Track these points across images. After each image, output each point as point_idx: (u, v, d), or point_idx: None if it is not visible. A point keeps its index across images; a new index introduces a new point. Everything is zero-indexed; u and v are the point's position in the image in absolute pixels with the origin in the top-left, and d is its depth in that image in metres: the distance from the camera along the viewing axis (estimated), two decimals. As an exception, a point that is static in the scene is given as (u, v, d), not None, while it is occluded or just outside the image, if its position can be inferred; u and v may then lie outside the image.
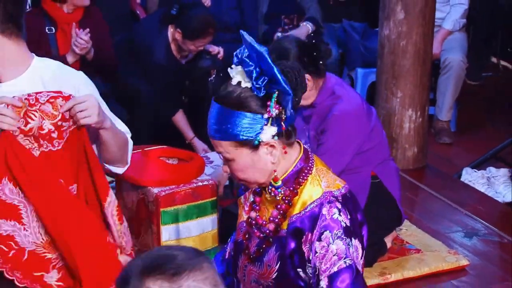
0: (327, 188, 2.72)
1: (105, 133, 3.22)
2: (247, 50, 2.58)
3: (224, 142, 2.67)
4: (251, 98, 2.59)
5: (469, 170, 5.74)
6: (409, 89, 5.48)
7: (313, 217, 2.68)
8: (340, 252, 2.64)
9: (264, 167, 2.68)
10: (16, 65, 3.40)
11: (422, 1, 5.32)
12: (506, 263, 4.48)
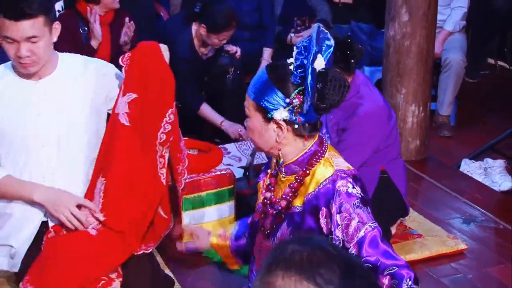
0: (338, 167, 2.75)
1: None
2: (307, 41, 2.67)
3: (251, 100, 2.76)
4: (288, 80, 2.68)
5: (467, 161, 5.72)
6: (412, 86, 5.46)
7: (327, 193, 2.71)
8: (362, 218, 2.67)
9: (268, 140, 2.77)
10: (50, 62, 3.41)
11: (425, 4, 5.29)
12: (502, 247, 4.47)
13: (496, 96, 6.62)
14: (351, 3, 6.64)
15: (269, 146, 2.78)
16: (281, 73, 2.70)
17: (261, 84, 2.73)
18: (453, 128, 6.43)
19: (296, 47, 2.66)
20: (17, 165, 3.44)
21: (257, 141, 2.82)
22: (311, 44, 2.60)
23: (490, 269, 4.25)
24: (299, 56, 2.63)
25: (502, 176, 5.53)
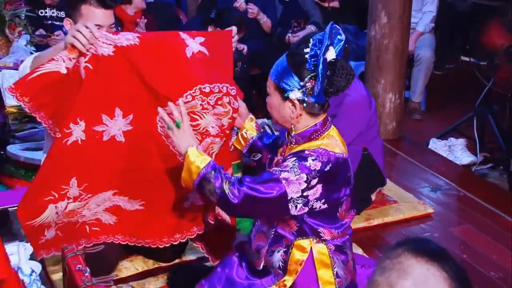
0: (324, 146, 2.82)
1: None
2: (320, 36, 2.72)
3: (271, 81, 2.85)
4: (303, 67, 2.73)
5: (435, 140, 5.76)
6: (390, 78, 5.48)
7: (299, 153, 2.82)
8: (283, 166, 2.77)
9: (284, 115, 2.85)
10: None
11: (401, 9, 5.29)
12: (463, 211, 4.51)
13: (459, 85, 6.62)
14: (338, 7, 6.64)
15: (284, 120, 2.86)
16: (298, 61, 2.74)
17: (281, 68, 2.80)
18: (423, 112, 6.47)
19: (312, 39, 2.71)
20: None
21: (275, 115, 2.90)
22: (324, 37, 2.67)
23: (452, 229, 4.28)
24: (314, 47, 2.69)
25: (463, 152, 5.57)
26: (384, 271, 1.57)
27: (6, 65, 4.82)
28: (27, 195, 2.95)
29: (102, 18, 3.19)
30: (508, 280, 3.75)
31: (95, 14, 3.18)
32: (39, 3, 5.54)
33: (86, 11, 3.19)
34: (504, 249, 4.04)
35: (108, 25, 3.21)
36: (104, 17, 3.20)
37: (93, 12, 3.18)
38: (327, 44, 2.66)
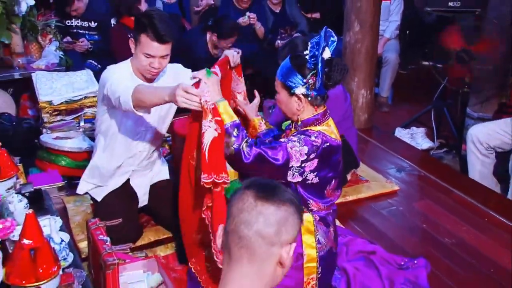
0: (323, 131, 2.85)
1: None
2: (317, 40, 2.75)
3: (279, 80, 2.86)
4: (304, 67, 2.77)
5: (399, 129, 5.77)
6: (362, 76, 5.47)
7: (305, 131, 2.84)
8: (289, 139, 2.79)
9: (291, 108, 2.87)
10: None
11: (371, 19, 5.28)
12: (423, 188, 4.53)
13: (420, 83, 6.63)
14: (319, 18, 6.63)
15: (292, 112, 2.88)
16: (299, 62, 2.78)
17: (286, 69, 2.82)
18: (390, 106, 6.47)
19: (310, 43, 2.77)
20: (128, 139, 3.48)
21: (284, 109, 2.91)
22: (320, 40, 2.72)
23: (414, 203, 4.29)
24: (312, 49, 2.74)
25: (423, 139, 5.61)
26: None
27: (39, 67, 4.81)
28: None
29: (155, 50, 3.15)
30: (459, 245, 3.77)
31: (150, 45, 3.14)
32: (66, 14, 5.51)
33: (144, 40, 3.15)
34: (456, 219, 4.06)
35: (159, 56, 3.17)
36: (157, 50, 3.16)
37: (148, 43, 3.14)
38: (323, 45, 2.70)
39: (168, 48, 3.21)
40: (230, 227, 1.59)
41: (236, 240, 1.57)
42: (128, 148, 3.50)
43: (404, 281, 3.30)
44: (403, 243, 3.79)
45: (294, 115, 2.89)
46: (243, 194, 1.61)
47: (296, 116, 2.88)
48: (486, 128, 4.64)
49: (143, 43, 3.16)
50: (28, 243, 2.06)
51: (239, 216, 1.58)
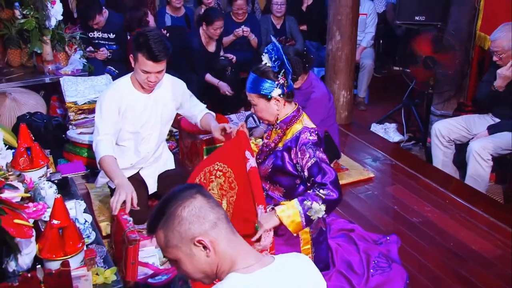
0: (305, 125, 2.82)
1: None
2: (272, 46, 2.72)
3: (253, 94, 2.80)
4: (270, 71, 2.73)
5: (375, 124, 5.76)
6: (342, 79, 5.45)
7: (296, 139, 2.78)
8: (311, 154, 2.71)
9: (272, 112, 2.82)
10: None
11: (350, 30, 5.27)
12: (394, 175, 4.53)
13: (392, 85, 6.63)
14: (306, 30, 6.61)
15: (273, 115, 2.83)
16: (263, 70, 2.74)
17: (254, 81, 2.77)
18: (366, 105, 6.44)
19: (266, 51, 2.73)
20: (136, 143, 3.45)
21: (265, 116, 2.85)
22: (275, 46, 2.69)
23: (387, 188, 4.30)
24: (272, 53, 2.70)
25: (395, 133, 5.59)
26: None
27: (66, 72, 4.80)
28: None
29: (150, 67, 3.12)
30: (425, 223, 3.79)
31: (146, 63, 3.11)
32: (88, 27, 5.51)
33: (141, 59, 3.11)
34: (422, 201, 4.07)
35: (155, 72, 3.15)
36: (153, 67, 3.12)
37: (145, 61, 3.11)
38: (281, 47, 2.68)
39: (163, 64, 3.17)
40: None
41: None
42: (137, 152, 3.49)
43: (379, 254, 3.31)
44: (378, 222, 3.80)
45: (274, 117, 2.84)
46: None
47: (275, 117, 2.84)
48: (447, 123, 4.64)
49: (140, 61, 3.12)
50: (57, 223, 2.06)
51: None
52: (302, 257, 1.70)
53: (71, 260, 2.05)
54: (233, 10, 6.01)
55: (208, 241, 1.55)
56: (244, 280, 1.52)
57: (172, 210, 1.56)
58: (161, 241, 1.59)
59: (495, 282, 3.18)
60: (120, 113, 3.29)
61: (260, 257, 1.60)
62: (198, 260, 1.57)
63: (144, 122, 3.37)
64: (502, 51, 4.15)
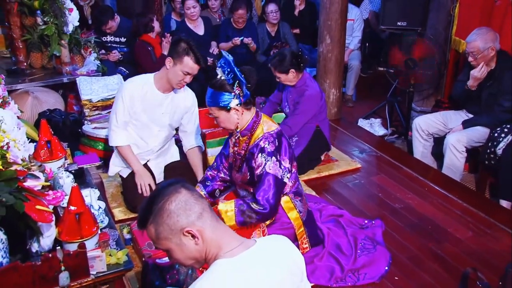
0: (265, 130, 2.80)
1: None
2: (224, 60, 2.67)
3: (213, 107, 2.75)
4: (226, 84, 2.67)
5: (361, 119, 5.76)
6: (332, 79, 5.44)
7: (256, 146, 2.78)
8: (262, 164, 2.75)
9: (233, 121, 2.78)
10: None
11: (339, 34, 5.25)
12: (379, 165, 4.52)
13: (377, 84, 6.62)
14: (299, 33, 6.59)
15: (234, 124, 2.79)
16: (219, 84, 2.69)
17: (212, 95, 2.73)
18: (354, 102, 6.44)
19: (219, 66, 2.68)
20: (146, 137, 3.48)
21: (228, 126, 2.82)
22: (227, 60, 2.66)
23: (373, 177, 4.30)
24: (225, 67, 2.66)
25: (379, 127, 5.60)
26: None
27: (82, 73, 4.79)
28: None
29: (194, 70, 3.19)
30: (406, 208, 3.79)
31: (191, 65, 3.18)
32: (102, 32, 5.51)
33: (186, 61, 3.16)
34: (404, 189, 4.07)
35: (193, 74, 3.22)
36: (195, 69, 3.20)
37: (189, 64, 3.17)
38: (232, 60, 2.65)
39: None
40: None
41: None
42: (146, 144, 3.50)
43: (365, 237, 3.32)
44: (364, 208, 3.81)
45: (235, 125, 2.81)
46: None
47: (235, 125, 2.81)
48: (426, 119, 4.65)
49: (185, 63, 3.17)
50: (74, 209, 2.07)
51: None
52: (281, 238, 1.71)
53: (87, 242, 2.06)
54: (233, 18, 5.97)
55: (195, 230, 1.56)
56: (229, 265, 1.54)
57: (160, 205, 1.57)
58: (152, 234, 1.60)
59: (467, 260, 3.19)
60: (134, 103, 3.32)
61: (242, 240, 1.62)
62: (188, 248, 1.59)
63: (157, 118, 3.39)
64: (478, 52, 4.16)
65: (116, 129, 3.41)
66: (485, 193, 4.31)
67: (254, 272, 1.54)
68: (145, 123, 3.41)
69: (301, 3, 6.63)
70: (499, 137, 4.03)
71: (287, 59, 4.06)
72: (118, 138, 3.42)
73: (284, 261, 1.62)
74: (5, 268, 1.86)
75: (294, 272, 1.65)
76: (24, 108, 4.33)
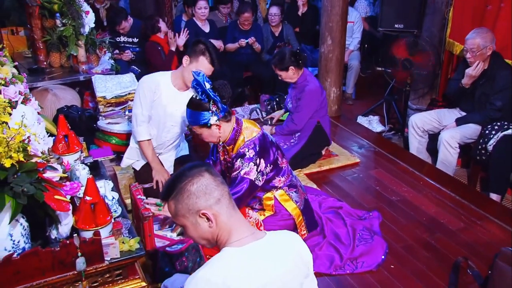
0: (247, 138, 2.80)
1: None
2: (195, 82, 2.64)
3: (195, 126, 2.75)
4: (201, 104, 2.66)
5: (361, 117, 5.75)
6: (333, 78, 5.43)
7: (239, 153, 2.80)
8: (239, 167, 2.78)
9: (215, 135, 2.77)
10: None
11: (339, 35, 5.24)
12: (377, 160, 4.52)
13: (375, 83, 6.61)
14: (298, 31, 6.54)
15: (217, 137, 2.80)
16: (196, 104, 2.69)
17: (192, 116, 2.73)
18: (353, 100, 6.44)
19: (192, 86, 2.68)
20: (159, 130, 3.48)
21: (212, 139, 2.83)
22: (197, 81, 2.63)
23: (371, 171, 4.30)
24: (198, 88, 2.65)
25: (377, 124, 5.59)
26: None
27: (97, 71, 4.81)
28: None
29: (208, 70, 3.18)
30: (402, 201, 3.79)
31: (206, 66, 3.17)
32: (116, 32, 5.53)
33: (202, 61, 3.17)
34: (400, 182, 4.08)
35: (207, 74, 3.18)
36: (209, 70, 3.19)
37: (205, 64, 3.17)
38: (202, 81, 2.62)
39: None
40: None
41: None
42: (158, 138, 3.51)
43: (363, 228, 3.33)
44: (362, 201, 3.81)
45: (217, 138, 2.81)
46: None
47: (218, 138, 2.81)
48: (421, 116, 4.64)
49: (201, 62, 3.17)
50: (89, 199, 2.08)
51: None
52: (292, 234, 1.70)
53: (102, 230, 2.07)
54: (240, 21, 5.97)
55: (211, 214, 1.58)
56: (236, 253, 1.54)
57: (182, 185, 1.59)
58: (172, 209, 1.63)
59: (458, 250, 3.20)
60: (154, 96, 3.34)
61: (253, 230, 1.63)
62: (202, 229, 1.60)
63: (170, 114, 3.40)
64: (478, 49, 4.13)
65: (142, 123, 3.39)
66: (476, 186, 4.31)
67: (258, 263, 1.53)
68: (161, 117, 3.42)
69: (304, 5, 6.62)
70: (490, 134, 4.03)
71: (286, 57, 4.08)
72: (143, 132, 3.40)
73: (290, 256, 1.61)
74: (27, 252, 1.89)
75: (299, 267, 1.64)
76: (43, 104, 4.36)
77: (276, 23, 6.12)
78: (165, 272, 2.57)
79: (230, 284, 1.46)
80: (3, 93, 2.15)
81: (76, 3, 4.69)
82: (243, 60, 5.94)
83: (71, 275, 1.97)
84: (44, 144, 2.18)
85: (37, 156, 2.02)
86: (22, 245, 1.94)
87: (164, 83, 3.34)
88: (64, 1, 4.65)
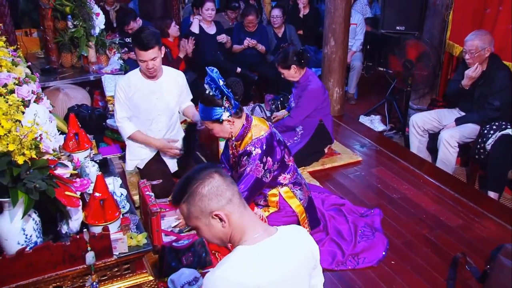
0: (254, 136, 2.79)
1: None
2: (209, 78, 2.64)
3: (207, 122, 2.75)
4: (214, 99, 2.66)
5: (363, 116, 5.74)
6: (336, 78, 5.42)
7: (245, 151, 2.80)
8: (245, 164, 2.78)
9: (227, 131, 2.77)
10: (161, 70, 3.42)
11: (342, 37, 5.23)
12: (378, 158, 4.51)
13: (376, 83, 6.60)
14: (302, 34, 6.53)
15: (228, 133, 2.80)
16: (209, 99, 2.68)
17: (204, 110, 2.73)
18: (356, 99, 6.43)
19: (206, 83, 2.66)
20: (145, 125, 3.48)
21: (222, 135, 2.83)
22: (212, 77, 2.63)
23: (372, 169, 4.29)
24: (212, 84, 2.64)
25: (379, 124, 5.58)
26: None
27: (106, 71, 4.82)
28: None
29: (144, 56, 3.18)
30: (403, 198, 3.78)
31: (139, 53, 3.18)
32: (125, 33, 5.53)
33: (137, 51, 3.19)
34: (401, 180, 4.07)
35: (149, 59, 3.20)
36: (145, 55, 3.18)
37: (138, 52, 3.19)
38: (216, 78, 2.62)
39: (155, 51, 3.19)
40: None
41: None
42: (150, 132, 3.51)
43: (364, 224, 3.33)
44: (364, 198, 3.81)
45: (228, 134, 2.80)
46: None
47: (230, 133, 2.81)
48: (422, 116, 4.63)
49: (137, 53, 3.21)
50: (99, 195, 2.09)
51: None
52: (300, 229, 1.71)
53: (110, 225, 2.08)
54: (244, 23, 5.96)
55: (223, 214, 1.57)
56: (249, 252, 1.55)
57: (193, 188, 1.57)
58: (184, 212, 1.61)
59: (457, 246, 3.20)
60: (129, 96, 3.36)
61: (266, 227, 1.63)
62: (215, 229, 1.59)
63: (153, 104, 3.40)
64: (476, 50, 4.12)
65: (122, 122, 3.43)
66: (474, 185, 4.29)
67: (271, 260, 1.54)
68: (145, 111, 3.43)
69: (305, 7, 6.61)
70: (488, 134, 4.02)
71: (289, 56, 4.09)
72: (127, 129, 3.43)
73: (301, 250, 1.63)
74: (39, 247, 1.90)
75: (309, 260, 1.66)
76: (55, 103, 4.37)
77: (278, 24, 6.10)
78: (172, 266, 2.58)
79: (246, 282, 1.47)
80: (16, 92, 2.16)
81: (87, 5, 4.73)
82: (248, 61, 5.94)
83: (81, 268, 1.98)
84: (56, 142, 2.19)
85: (48, 153, 2.03)
86: (34, 239, 1.95)
87: (134, 77, 3.38)
88: (76, 3, 4.69)
